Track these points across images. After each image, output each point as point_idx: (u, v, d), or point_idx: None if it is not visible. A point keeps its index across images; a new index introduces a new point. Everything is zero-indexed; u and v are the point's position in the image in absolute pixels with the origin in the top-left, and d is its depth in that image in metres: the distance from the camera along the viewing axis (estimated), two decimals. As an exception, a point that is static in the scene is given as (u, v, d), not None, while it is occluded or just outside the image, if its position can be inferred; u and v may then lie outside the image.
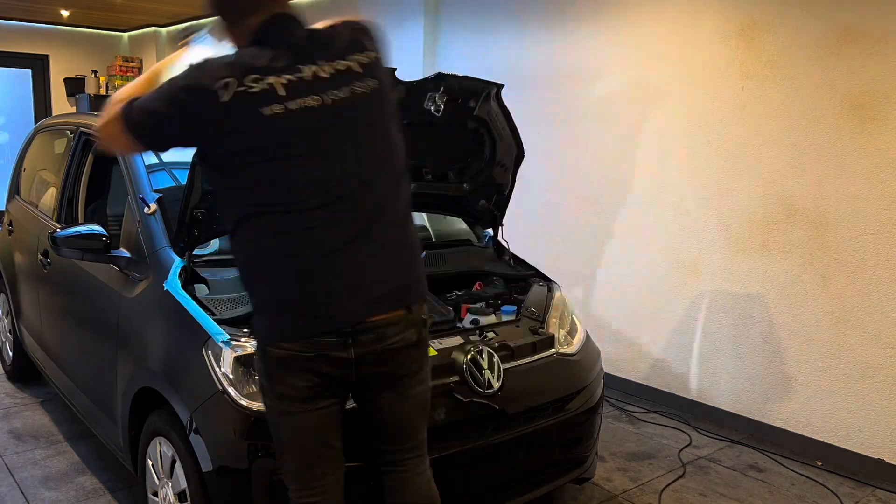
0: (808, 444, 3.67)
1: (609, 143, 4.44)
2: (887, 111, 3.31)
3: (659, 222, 4.23)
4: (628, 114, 4.32)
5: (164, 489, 2.44)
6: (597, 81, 4.48)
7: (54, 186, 3.70)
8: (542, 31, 4.75)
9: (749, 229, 3.84)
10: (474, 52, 5.23)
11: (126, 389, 2.58)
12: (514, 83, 4.63)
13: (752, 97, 3.76)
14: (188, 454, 2.23)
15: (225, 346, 2.22)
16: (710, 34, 3.91)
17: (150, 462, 2.53)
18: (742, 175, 3.84)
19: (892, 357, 3.38)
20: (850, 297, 3.49)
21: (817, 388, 3.64)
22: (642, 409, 4.22)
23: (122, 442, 2.73)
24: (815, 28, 3.50)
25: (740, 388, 3.95)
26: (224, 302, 2.44)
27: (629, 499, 3.15)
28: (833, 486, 3.35)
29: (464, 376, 2.40)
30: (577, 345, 2.88)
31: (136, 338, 2.60)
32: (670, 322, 4.22)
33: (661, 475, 3.40)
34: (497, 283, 3.13)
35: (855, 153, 3.42)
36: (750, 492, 3.26)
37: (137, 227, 2.75)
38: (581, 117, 4.59)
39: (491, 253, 3.30)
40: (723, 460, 3.58)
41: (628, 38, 4.29)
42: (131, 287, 2.68)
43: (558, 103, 4.71)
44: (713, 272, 4.02)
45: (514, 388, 2.50)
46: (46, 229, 3.37)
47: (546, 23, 4.73)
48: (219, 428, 2.17)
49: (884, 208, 3.36)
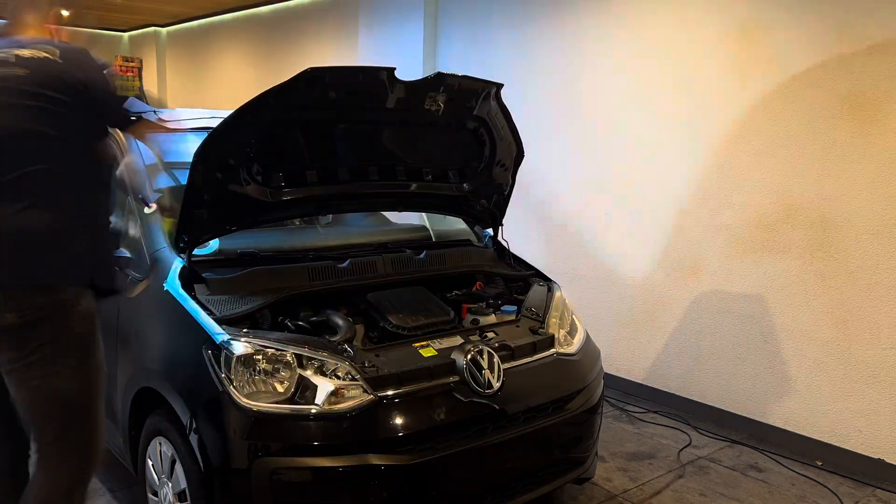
0: (808, 445, 3.67)
1: (609, 143, 4.44)
2: (887, 111, 3.31)
3: (659, 223, 4.23)
4: (628, 113, 4.32)
5: (164, 489, 2.44)
6: (597, 80, 4.48)
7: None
8: (542, 30, 4.75)
9: (749, 229, 3.84)
10: (474, 51, 5.22)
11: (126, 389, 2.58)
12: (514, 82, 4.64)
13: (752, 97, 3.76)
14: (188, 454, 2.23)
15: (224, 346, 2.22)
16: (711, 34, 3.91)
17: (150, 462, 2.53)
18: (742, 175, 3.84)
19: (892, 357, 3.38)
20: (850, 297, 3.49)
21: (817, 388, 3.64)
22: (642, 409, 4.22)
23: (122, 442, 2.73)
24: (815, 28, 3.50)
25: (740, 388, 3.95)
26: (224, 301, 2.43)
27: (629, 499, 3.15)
28: (833, 486, 3.35)
29: (464, 376, 2.40)
30: (576, 345, 2.88)
31: (136, 338, 2.60)
32: (670, 322, 4.22)
33: (660, 475, 3.40)
34: (497, 283, 3.13)
35: (855, 153, 3.42)
36: (750, 492, 3.26)
37: (137, 227, 2.75)
38: (580, 117, 4.59)
39: (491, 253, 3.31)
40: (723, 460, 3.58)
41: (629, 37, 4.29)
42: (131, 287, 2.68)
43: (558, 103, 4.71)
44: (713, 272, 4.02)
45: (514, 388, 2.50)
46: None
47: (545, 22, 4.73)
48: (219, 428, 2.17)
49: (884, 208, 3.36)
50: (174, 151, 3.36)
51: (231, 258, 2.64)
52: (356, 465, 2.13)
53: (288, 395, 2.19)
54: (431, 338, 2.55)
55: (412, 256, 2.96)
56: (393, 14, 5.63)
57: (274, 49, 7.47)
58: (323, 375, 2.23)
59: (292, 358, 2.24)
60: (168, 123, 3.21)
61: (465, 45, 5.31)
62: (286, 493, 2.12)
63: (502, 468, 2.49)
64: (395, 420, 2.24)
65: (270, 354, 2.23)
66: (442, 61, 5.47)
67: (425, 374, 2.36)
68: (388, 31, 5.70)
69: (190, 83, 9.06)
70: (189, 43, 8.96)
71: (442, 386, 2.36)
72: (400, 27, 5.58)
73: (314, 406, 2.17)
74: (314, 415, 2.16)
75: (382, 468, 2.17)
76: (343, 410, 2.18)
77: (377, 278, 2.78)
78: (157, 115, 3.12)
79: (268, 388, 2.19)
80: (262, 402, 2.15)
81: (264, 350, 2.23)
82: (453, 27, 5.38)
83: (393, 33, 5.66)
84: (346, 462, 2.13)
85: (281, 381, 2.21)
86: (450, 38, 5.42)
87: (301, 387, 2.21)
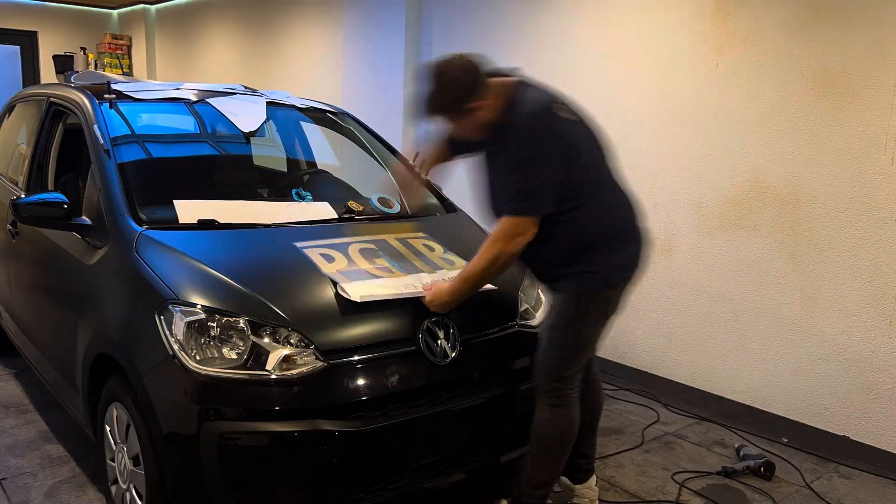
0: (775, 421, 3.69)
1: (586, 121, 4.42)
2: (857, 89, 3.30)
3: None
4: (602, 91, 4.30)
5: (121, 454, 2.45)
6: (571, 59, 4.46)
7: (27, 158, 3.69)
8: (518, 8, 4.72)
9: (721, 207, 3.84)
10: (458, 25, 5.20)
11: (84, 356, 2.59)
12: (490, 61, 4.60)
13: (725, 74, 3.75)
14: (140, 419, 2.25)
15: (176, 312, 2.23)
16: (686, 10, 3.88)
17: (107, 428, 2.55)
18: (715, 153, 3.83)
19: (858, 336, 3.39)
20: (819, 275, 3.49)
21: (785, 365, 3.65)
22: (615, 386, 4.23)
23: (83, 409, 2.74)
24: (788, 4, 3.48)
25: (710, 365, 3.96)
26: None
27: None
28: (797, 462, 3.37)
29: (419, 346, 2.40)
30: (539, 318, 2.88)
31: (94, 305, 2.61)
32: (643, 300, 4.23)
33: (625, 450, 3.42)
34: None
35: (826, 131, 3.42)
36: (713, 467, 3.28)
37: (98, 195, 2.75)
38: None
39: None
40: (689, 436, 3.60)
41: (603, 14, 4.27)
42: (91, 255, 2.68)
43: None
44: (686, 250, 4.02)
45: (471, 358, 2.51)
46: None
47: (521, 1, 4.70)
48: (169, 392, 2.18)
49: (853, 186, 3.35)
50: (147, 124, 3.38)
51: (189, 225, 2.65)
52: (305, 430, 2.14)
53: (241, 362, 2.20)
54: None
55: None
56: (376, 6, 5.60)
57: (260, 27, 7.44)
58: (276, 342, 2.24)
59: (245, 325, 2.24)
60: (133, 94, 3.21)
61: (447, 23, 5.28)
62: (234, 457, 2.13)
63: (461, 436, 2.51)
64: (346, 386, 2.24)
65: (223, 321, 2.23)
66: (424, 41, 5.45)
67: (381, 344, 2.36)
68: (371, 7, 5.66)
69: (178, 61, 9.02)
70: (178, 21, 8.91)
71: (396, 355, 2.36)
72: (383, 4, 5.55)
73: (264, 372, 2.18)
74: (264, 380, 2.17)
75: (336, 433, 2.18)
76: (294, 377, 2.19)
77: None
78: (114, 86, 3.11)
79: (220, 353, 2.20)
80: (213, 368, 2.16)
81: (216, 316, 2.23)
82: (435, 3, 5.34)
83: (376, 10, 5.63)
84: (294, 427, 2.14)
85: (233, 347, 2.21)
86: (431, 17, 5.39)
87: (254, 353, 2.21)
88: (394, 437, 2.29)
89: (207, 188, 3.25)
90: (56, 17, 9.40)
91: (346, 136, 3.72)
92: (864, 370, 3.39)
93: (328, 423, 2.18)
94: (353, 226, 2.92)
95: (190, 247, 2.51)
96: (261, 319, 2.25)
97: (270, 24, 7.29)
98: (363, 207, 3.07)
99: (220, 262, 2.44)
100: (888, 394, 3.33)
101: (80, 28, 9.57)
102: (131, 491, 2.42)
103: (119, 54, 9.39)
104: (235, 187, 3.31)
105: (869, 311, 3.35)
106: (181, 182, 3.19)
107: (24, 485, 2.87)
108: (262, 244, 2.66)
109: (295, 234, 2.71)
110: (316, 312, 2.37)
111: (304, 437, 2.15)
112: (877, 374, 3.35)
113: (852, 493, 3.13)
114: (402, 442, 2.33)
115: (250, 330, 2.24)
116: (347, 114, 3.80)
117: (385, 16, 5.54)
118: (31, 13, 9.21)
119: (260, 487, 2.16)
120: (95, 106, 3.07)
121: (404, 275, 2.59)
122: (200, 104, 3.32)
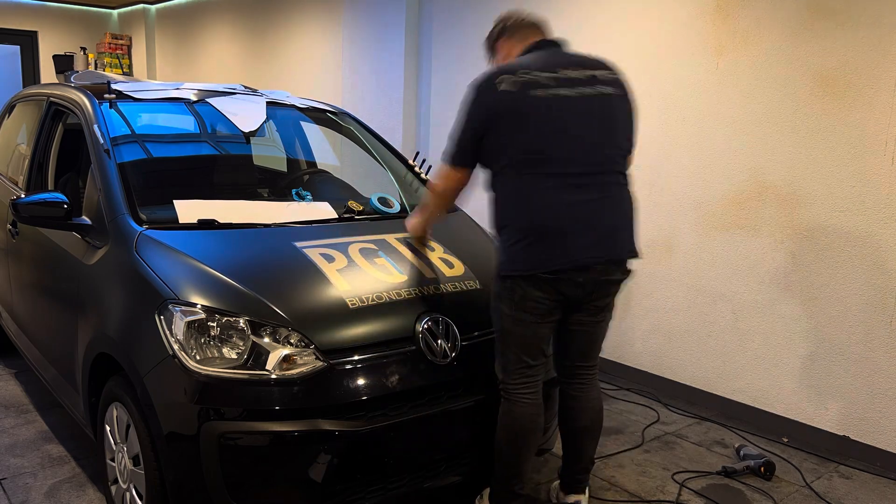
0: (776, 421, 3.69)
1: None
2: (858, 87, 3.30)
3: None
4: (605, 91, 4.29)
5: (121, 454, 2.45)
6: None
7: (27, 158, 3.69)
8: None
9: (722, 207, 3.84)
10: (458, 22, 5.20)
11: (84, 356, 2.60)
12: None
13: (726, 73, 3.75)
14: (140, 419, 2.25)
15: (176, 312, 2.23)
16: (686, 10, 3.89)
17: (108, 428, 2.55)
18: (715, 152, 3.83)
19: (858, 335, 3.39)
20: (819, 274, 3.49)
21: (785, 365, 3.65)
22: (615, 386, 4.23)
23: (83, 409, 2.74)
24: (789, 4, 3.48)
25: (711, 365, 3.96)
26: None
27: (592, 471, 3.17)
28: (797, 462, 3.37)
29: (419, 345, 2.40)
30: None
31: (94, 305, 2.61)
32: (643, 300, 4.23)
33: (625, 450, 3.42)
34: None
35: (826, 130, 3.42)
36: (713, 466, 3.28)
37: (98, 195, 2.75)
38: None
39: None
40: (689, 436, 3.60)
41: (602, 14, 4.27)
42: (91, 254, 2.68)
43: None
44: (686, 250, 4.02)
45: (472, 358, 2.51)
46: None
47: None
48: (169, 392, 2.18)
49: (853, 186, 3.35)
50: (147, 124, 3.38)
51: (189, 225, 2.65)
52: (305, 430, 2.15)
53: (241, 362, 2.20)
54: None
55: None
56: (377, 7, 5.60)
57: (260, 26, 7.44)
58: (276, 342, 2.24)
59: (245, 325, 2.24)
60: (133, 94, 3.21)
61: (447, 22, 5.28)
62: (234, 457, 2.13)
63: (458, 437, 2.51)
64: (346, 386, 2.25)
65: (223, 321, 2.24)
66: (424, 41, 5.45)
67: (381, 344, 2.36)
68: (372, 7, 5.66)
69: (179, 61, 9.02)
70: (178, 21, 8.91)
71: (396, 354, 2.37)
72: (383, 4, 5.54)
73: (264, 372, 2.18)
74: (264, 380, 2.17)
75: (336, 433, 2.18)
76: (294, 376, 2.19)
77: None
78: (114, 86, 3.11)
79: (220, 353, 2.20)
80: (213, 368, 2.16)
81: (216, 316, 2.23)
82: (435, 3, 5.34)
83: (376, 10, 5.63)
84: (294, 427, 2.14)
85: (233, 346, 2.22)
86: (431, 17, 5.39)
87: (254, 353, 2.22)
88: (394, 436, 2.29)
89: (207, 188, 3.26)
90: (56, 16, 9.40)
91: (346, 136, 3.72)
92: (864, 370, 3.39)
93: (328, 423, 2.18)
94: (353, 226, 2.92)
95: (190, 247, 2.51)
96: (261, 319, 2.26)
97: (270, 24, 7.29)
98: (363, 207, 3.07)
99: (220, 262, 2.45)
100: (888, 394, 3.33)
101: (80, 28, 9.57)
102: (131, 491, 2.42)
103: (119, 54, 9.39)
104: (235, 187, 3.31)
105: (869, 311, 3.35)
106: (181, 182, 3.21)
107: (24, 485, 2.88)
108: (262, 244, 2.66)
109: (295, 234, 2.71)
110: (316, 312, 2.37)
111: (304, 437, 2.15)
112: (877, 374, 3.35)
113: (852, 492, 3.13)
114: (403, 442, 2.33)
115: (250, 330, 2.24)
116: (347, 114, 3.80)
117: (385, 16, 5.53)
118: (31, 13, 9.20)
119: (260, 487, 2.16)
120: (95, 106, 3.07)
121: (401, 274, 2.60)
122: (200, 104, 3.32)
